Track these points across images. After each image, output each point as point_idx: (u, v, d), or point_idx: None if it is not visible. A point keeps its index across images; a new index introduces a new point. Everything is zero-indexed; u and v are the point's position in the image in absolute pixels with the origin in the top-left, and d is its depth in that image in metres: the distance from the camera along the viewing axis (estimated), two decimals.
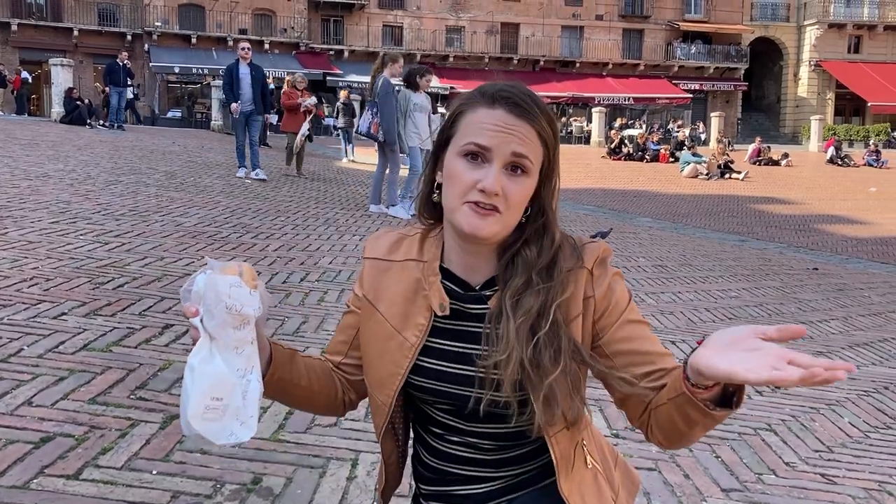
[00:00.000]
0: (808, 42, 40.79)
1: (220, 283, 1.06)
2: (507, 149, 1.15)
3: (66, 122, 17.14)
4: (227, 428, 1.09)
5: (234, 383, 1.09)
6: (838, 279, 7.82)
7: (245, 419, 1.10)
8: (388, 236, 1.33)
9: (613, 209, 13.37)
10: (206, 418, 1.07)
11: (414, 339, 1.23)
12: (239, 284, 1.07)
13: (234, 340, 1.08)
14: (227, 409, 1.08)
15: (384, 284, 1.29)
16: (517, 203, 1.17)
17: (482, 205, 1.15)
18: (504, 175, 1.15)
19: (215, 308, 1.05)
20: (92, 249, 4.86)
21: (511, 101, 1.17)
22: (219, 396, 1.07)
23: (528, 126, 1.16)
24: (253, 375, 1.12)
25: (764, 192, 18.34)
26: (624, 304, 1.22)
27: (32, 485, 2.03)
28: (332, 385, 1.35)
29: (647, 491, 2.44)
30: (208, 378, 1.06)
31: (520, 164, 1.15)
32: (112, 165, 9.87)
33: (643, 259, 7.48)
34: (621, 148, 25.14)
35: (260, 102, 10.53)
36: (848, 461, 2.92)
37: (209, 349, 1.07)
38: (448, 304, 1.23)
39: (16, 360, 2.87)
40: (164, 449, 2.32)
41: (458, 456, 1.27)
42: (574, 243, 1.23)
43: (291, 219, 7.23)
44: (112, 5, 33.59)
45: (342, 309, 4.11)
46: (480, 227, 1.15)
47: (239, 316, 1.07)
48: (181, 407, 1.08)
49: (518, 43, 38.57)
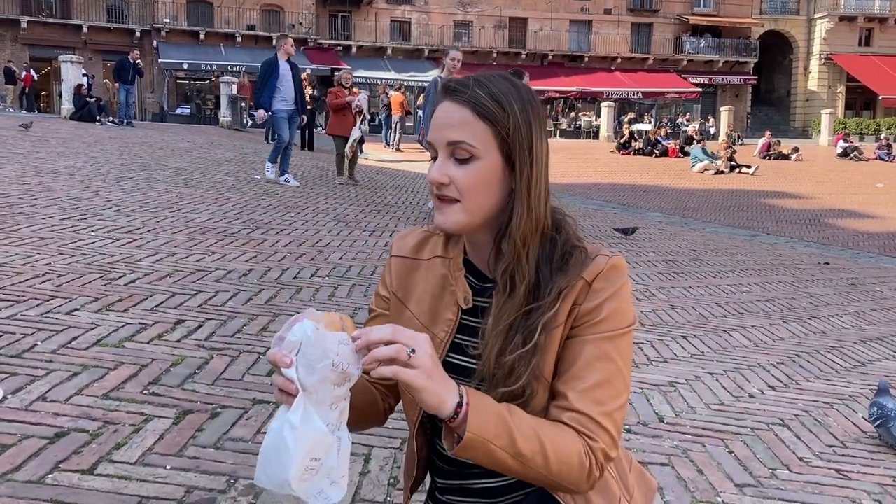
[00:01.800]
0: (818, 35, 40.50)
1: (328, 340, 1.01)
2: (443, 139, 1.15)
3: (75, 119, 17.20)
4: (317, 486, 1.06)
5: (331, 442, 1.06)
6: (850, 274, 7.78)
7: (336, 479, 1.08)
8: (415, 234, 1.34)
9: (623, 203, 13.32)
10: (304, 479, 1.04)
11: (443, 334, 1.24)
12: (347, 342, 1.02)
13: (332, 397, 1.04)
14: (321, 468, 1.06)
15: (413, 282, 1.30)
16: (470, 188, 1.15)
17: (438, 196, 1.17)
18: (451, 164, 1.15)
19: (319, 364, 1.00)
20: (103, 245, 4.88)
21: (451, 90, 1.17)
22: (317, 457, 1.04)
23: (465, 109, 1.14)
24: (343, 431, 1.09)
25: (774, 186, 18.24)
26: (606, 328, 1.15)
27: (47, 480, 2.04)
28: (372, 397, 1.34)
29: (660, 486, 2.43)
30: (310, 438, 1.02)
31: (460, 151, 1.14)
32: (122, 162, 9.90)
33: (653, 254, 7.45)
34: (631, 143, 25.06)
35: (300, 102, 9.82)
36: (862, 456, 2.90)
37: (304, 406, 1.02)
38: (471, 298, 1.24)
39: (29, 356, 2.88)
40: (178, 444, 2.32)
41: None
42: (584, 256, 1.18)
43: (301, 214, 7.24)
44: (121, 2, 33.65)
45: (353, 304, 4.13)
46: (441, 221, 1.17)
47: (343, 374, 1.02)
48: (276, 464, 1.03)
49: (526, 37, 38.46)
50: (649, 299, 5.27)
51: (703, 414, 3.18)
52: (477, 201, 1.15)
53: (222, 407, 2.62)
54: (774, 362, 4.06)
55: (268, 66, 9.44)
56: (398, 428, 2.48)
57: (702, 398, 3.36)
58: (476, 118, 1.14)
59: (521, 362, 1.14)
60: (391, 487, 2.23)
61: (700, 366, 3.86)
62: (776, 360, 4.12)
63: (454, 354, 1.24)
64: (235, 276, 4.50)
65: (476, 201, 1.15)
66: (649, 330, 4.44)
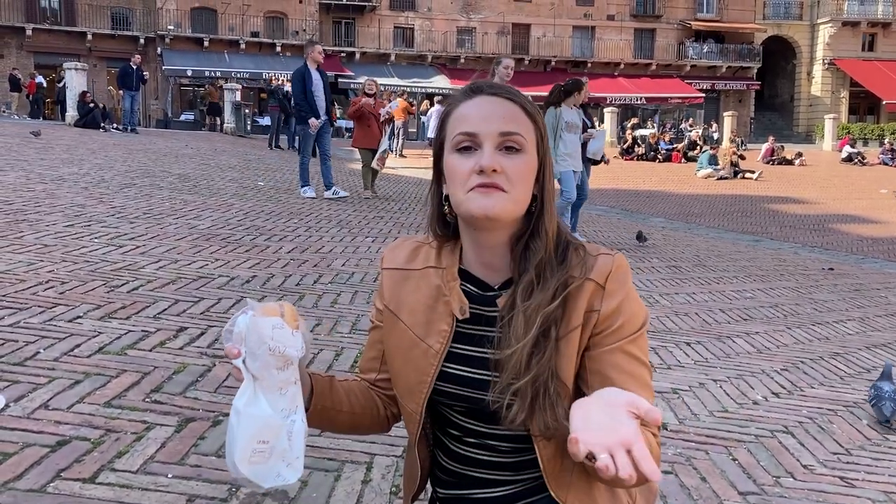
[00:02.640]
0: (821, 40, 40.50)
1: (262, 325, 1.05)
2: (494, 129, 1.15)
3: (80, 126, 17.26)
4: (274, 469, 1.10)
5: (280, 425, 1.09)
6: (854, 279, 7.76)
7: (291, 460, 1.11)
8: (406, 245, 1.33)
9: (626, 209, 13.31)
10: (253, 461, 1.07)
11: (438, 345, 1.23)
12: (281, 326, 1.07)
13: (278, 381, 1.08)
14: (274, 451, 1.09)
15: (404, 293, 1.29)
16: (519, 178, 1.16)
17: (484, 184, 1.14)
18: (499, 154, 1.15)
19: (258, 350, 1.05)
20: (106, 252, 4.88)
21: (487, 87, 1.18)
22: (265, 440, 1.08)
23: (511, 104, 1.17)
24: (297, 415, 1.12)
25: (778, 191, 18.23)
26: (628, 331, 1.17)
27: (49, 488, 2.04)
28: (372, 403, 1.35)
29: (663, 494, 2.42)
30: (254, 421, 1.07)
31: (512, 142, 1.15)
32: (126, 168, 9.93)
33: (657, 259, 7.44)
34: (634, 148, 25.05)
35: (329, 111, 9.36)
36: (867, 463, 2.89)
37: (253, 391, 1.07)
38: (468, 308, 1.23)
39: (32, 364, 2.88)
40: (180, 452, 2.32)
41: (476, 459, 1.26)
42: (584, 253, 1.20)
43: (304, 221, 7.25)
44: (125, 9, 33.79)
45: (355, 311, 4.13)
46: (489, 205, 1.14)
47: (282, 357, 1.07)
48: (227, 448, 1.08)
49: (529, 43, 38.52)
50: (653, 306, 5.26)
51: (706, 421, 3.16)
52: (522, 192, 1.17)
53: (224, 415, 2.62)
54: (778, 369, 4.05)
55: (300, 77, 9.01)
56: (400, 436, 2.45)
57: (705, 405, 3.35)
58: (525, 115, 1.17)
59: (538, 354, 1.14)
60: (393, 496, 2.22)
61: (703, 372, 3.84)
62: (780, 366, 4.10)
63: (451, 364, 1.23)
64: (238, 282, 4.50)
65: (522, 192, 1.16)
66: (653, 337, 4.42)
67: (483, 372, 1.20)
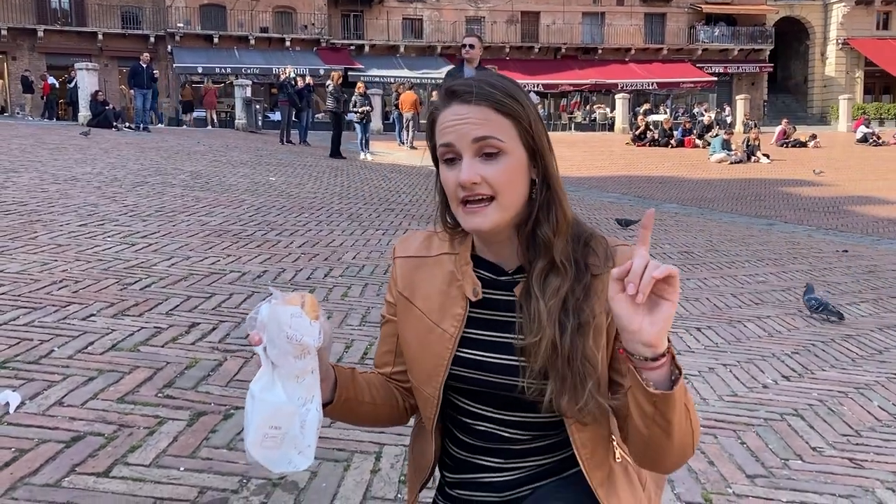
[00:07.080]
0: (834, 20, 40.01)
1: (281, 314, 1.07)
2: (467, 138, 1.16)
3: (92, 125, 17.38)
4: (286, 456, 1.12)
5: (293, 412, 1.11)
6: (869, 261, 7.70)
7: (303, 448, 1.13)
8: (417, 236, 1.36)
9: (639, 196, 13.26)
10: (265, 446, 1.10)
11: (452, 329, 1.25)
12: (300, 315, 1.08)
13: (295, 370, 1.10)
14: (286, 437, 1.11)
15: (418, 280, 1.31)
16: (503, 183, 1.16)
17: (471, 200, 1.16)
18: (479, 163, 1.16)
19: (277, 337, 1.08)
20: (119, 251, 4.94)
21: (458, 91, 1.18)
22: (277, 425, 1.10)
23: (482, 107, 1.16)
24: (313, 405, 1.14)
25: (791, 174, 18.08)
26: None
27: (64, 483, 2.08)
28: (392, 395, 1.38)
29: (670, 479, 2.44)
30: (268, 407, 1.09)
31: (488, 147, 1.15)
32: (138, 167, 10.00)
33: (668, 245, 7.42)
34: (646, 134, 24.92)
35: None
36: (877, 445, 2.89)
37: (271, 377, 1.10)
38: (481, 290, 1.24)
39: (46, 362, 2.93)
40: (192, 446, 2.36)
41: (484, 447, 1.28)
42: (606, 244, 1.22)
43: (315, 215, 7.28)
44: (135, 8, 33.91)
45: (365, 303, 4.16)
46: (478, 223, 1.17)
47: (299, 346, 1.09)
48: (244, 432, 1.12)
49: (539, 31, 38.31)
50: None
51: (715, 406, 3.17)
52: (511, 195, 1.17)
53: (235, 408, 2.65)
54: (789, 352, 4.04)
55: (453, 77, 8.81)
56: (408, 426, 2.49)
57: (715, 390, 3.36)
58: (497, 114, 1.16)
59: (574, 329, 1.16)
60: (402, 485, 2.25)
61: (714, 357, 3.85)
62: (791, 349, 4.10)
63: (464, 349, 1.25)
64: (249, 277, 4.54)
65: (511, 195, 1.17)
66: None
67: (501, 356, 1.22)
